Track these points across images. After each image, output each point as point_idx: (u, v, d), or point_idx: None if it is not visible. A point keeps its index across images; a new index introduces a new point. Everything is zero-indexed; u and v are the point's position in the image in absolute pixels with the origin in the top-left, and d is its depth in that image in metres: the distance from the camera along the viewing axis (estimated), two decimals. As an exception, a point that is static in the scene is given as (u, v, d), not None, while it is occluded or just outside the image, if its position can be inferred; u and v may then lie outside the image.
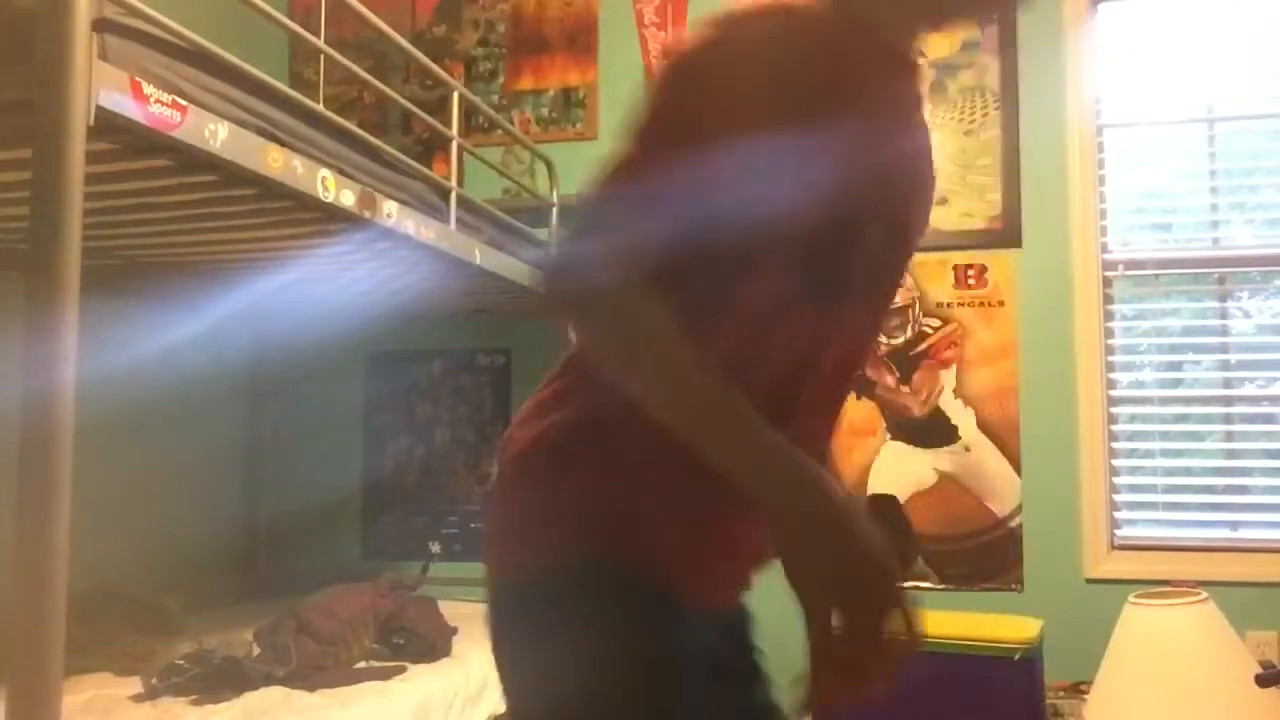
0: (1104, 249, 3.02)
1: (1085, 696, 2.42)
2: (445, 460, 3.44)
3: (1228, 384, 2.98)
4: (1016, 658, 2.41)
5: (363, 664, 2.36)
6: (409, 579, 2.78)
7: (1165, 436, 2.99)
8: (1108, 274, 3.02)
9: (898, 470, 3.05)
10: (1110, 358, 3.01)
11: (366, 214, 2.02)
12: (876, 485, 3.06)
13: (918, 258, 2.80)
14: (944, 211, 3.06)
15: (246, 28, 2.41)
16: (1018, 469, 2.96)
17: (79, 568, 1.43)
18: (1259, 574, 2.78)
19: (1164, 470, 2.99)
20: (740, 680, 1.24)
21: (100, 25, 1.42)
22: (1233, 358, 2.98)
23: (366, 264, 2.44)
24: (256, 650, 2.26)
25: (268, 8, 1.87)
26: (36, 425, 1.31)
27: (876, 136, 1.09)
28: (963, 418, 3.01)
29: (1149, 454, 3.00)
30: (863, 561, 0.91)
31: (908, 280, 1.27)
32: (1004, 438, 2.97)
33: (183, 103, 1.56)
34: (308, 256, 2.35)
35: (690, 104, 1.00)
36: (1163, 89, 3.03)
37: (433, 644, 2.45)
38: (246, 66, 1.74)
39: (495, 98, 3.46)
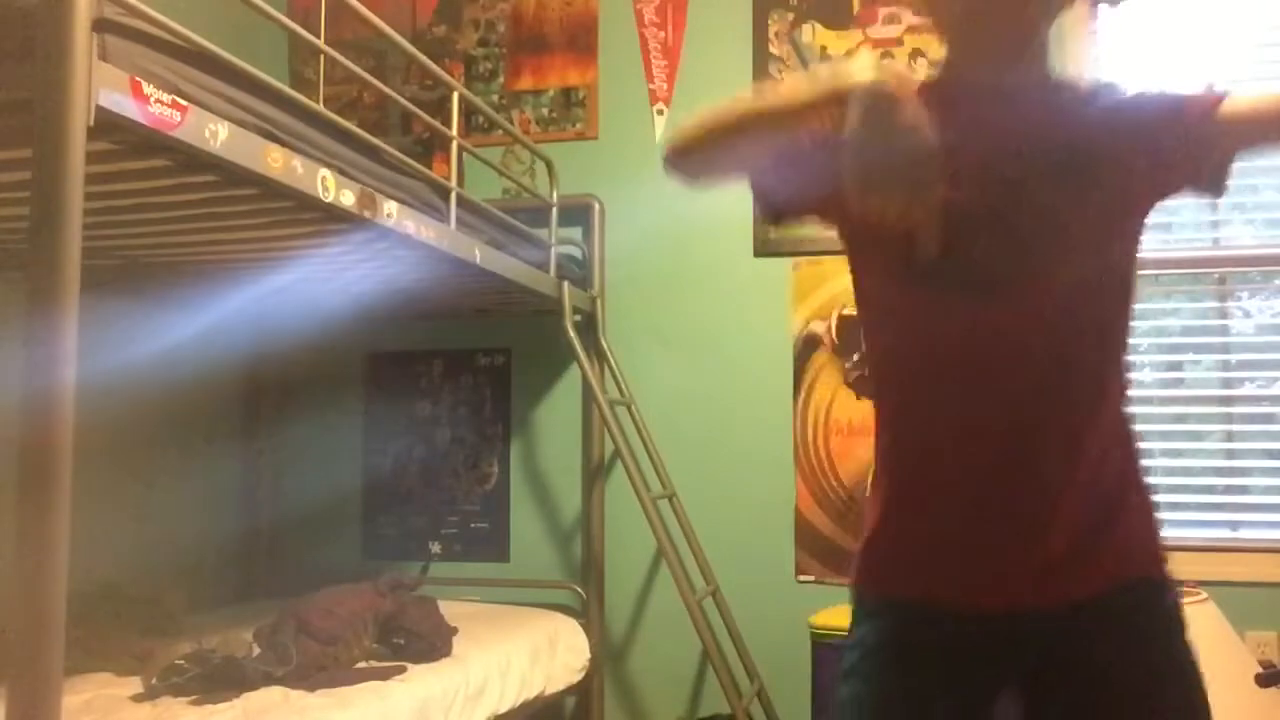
0: (1104, 249, 3.02)
1: (1085, 696, 2.41)
2: (445, 460, 3.44)
3: (1228, 384, 2.98)
4: (1016, 658, 2.40)
5: (363, 664, 2.36)
6: (409, 579, 2.78)
7: (1165, 436, 2.99)
8: (1108, 274, 3.01)
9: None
10: (1110, 358, 3.00)
11: (366, 214, 2.02)
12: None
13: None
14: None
15: (246, 28, 2.42)
16: (1018, 469, 2.96)
17: (79, 568, 1.43)
18: (1259, 574, 2.78)
19: (1164, 470, 2.99)
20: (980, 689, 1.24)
21: (100, 25, 1.42)
22: (1233, 358, 2.98)
23: (366, 264, 2.44)
24: (256, 650, 2.26)
25: (268, 8, 1.87)
26: (37, 425, 1.31)
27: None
28: (963, 418, 3.01)
29: (1149, 454, 3.00)
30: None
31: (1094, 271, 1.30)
32: (1004, 438, 2.97)
33: (183, 103, 1.56)
34: (308, 256, 2.35)
35: None
36: (1162, 89, 3.03)
37: (433, 644, 2.45)
38: (246, 66, 1.74)
39: (495, 98, 3.46)
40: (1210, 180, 1.31)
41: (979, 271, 1.22)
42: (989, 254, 1.22)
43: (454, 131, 2.53)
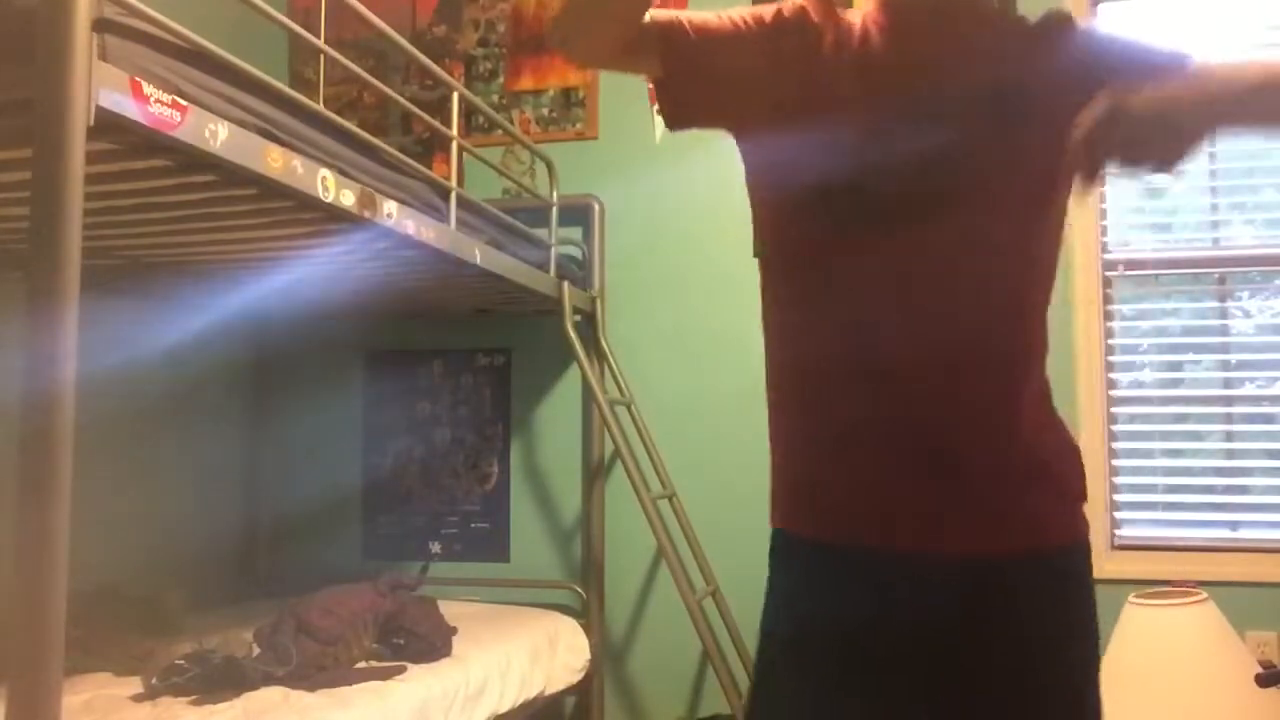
0: (1104, 249, 3.02)
1: (1085, 696, 2.42)
2: (445, 460, 3.44)
3: (1228, 384, 2.98)
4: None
5: (363, 664, 2.36)
6: (409, 579, 2.78)
7: (1165, 436, 2.99)
8: (1108, 274, 3.01)
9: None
10: (1110, 358, 3.01)
11: (366, 214, 2.02)
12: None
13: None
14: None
15: (246, 28, 2.41)
16: (1018, 469, 2.96)
17: (79, 568, 1.43)
18: (1259, 574, 2.78)
19: (1164, 470, 2.99)
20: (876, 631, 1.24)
21: (100, 25, 1.42)
22: (1233, 358, 2.98)
23: (366, 264, 2.44)
24: (256, 650, 2.26)
25: (268, 8, 1.87)
26: (37, 425, 1.31)
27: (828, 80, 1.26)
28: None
29: (1149, 454, 3.00)
30: None
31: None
32: (1004, 438, 2.97)
33: (183, 103, 1.56)
34: (308, 256, 2.35)
35: None
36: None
37: (433, 644, 2.45)
38: (246, 66, 1.74)
39: (495, 98, 3.46)
40: None
41: (884, 201, 1.21)
42: (895, 184, 1.21)
43: (454, 131, 2.53)
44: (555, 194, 3.13)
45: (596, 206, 3.30)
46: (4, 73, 1.42)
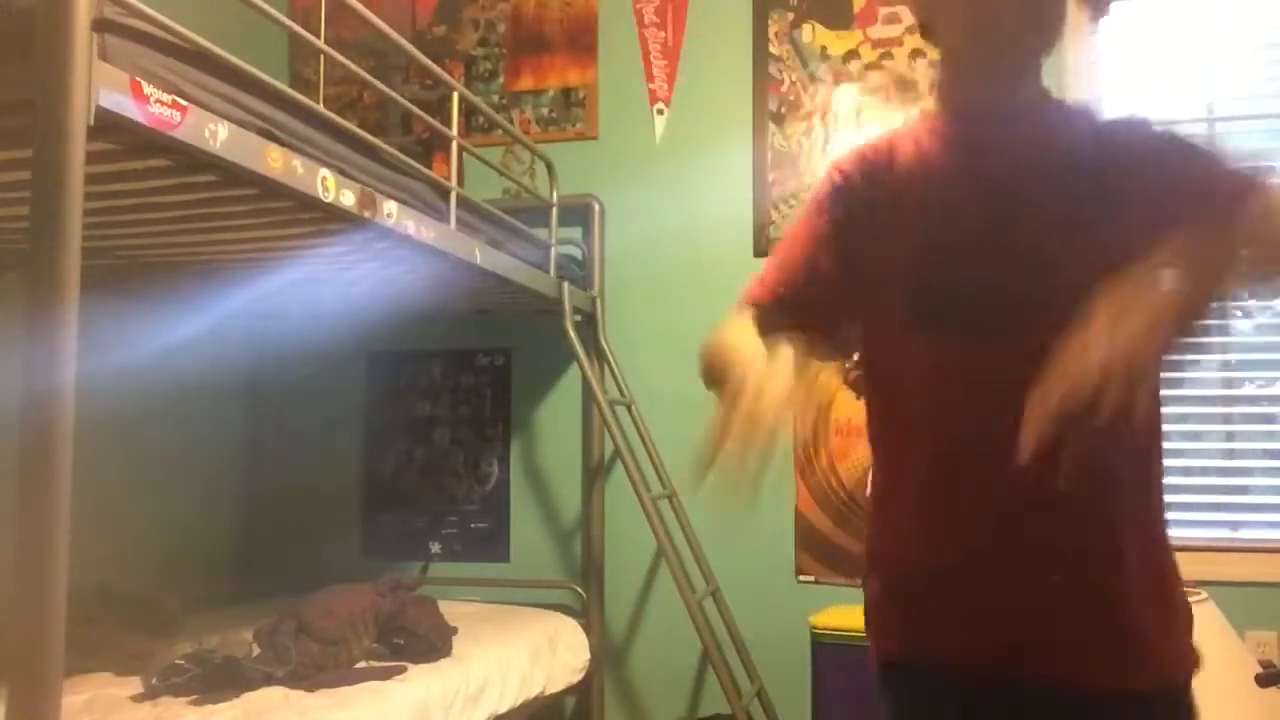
0: (1104, 249, 3.02)
1: (1085, 696, 2.42)
2: (445, 460, 3.44)
3: (1228, 384, 2.98)
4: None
5: (363, 664, 2.36)
6: (409, 579, 2.79)
7: (1165, 436, 2.98)
8: (1108, 274, 3.01)
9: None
10: (1110, 358, 3.00)
11: (366, 214, 2.02)
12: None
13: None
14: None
15: (246, 28, 2.41)
16: (1018, 469, 2.96)
17: (79, 568, 1.43)
18: (1259, 574, 2.78)
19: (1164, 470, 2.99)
20: None
21: (100, 25, 1.42)
22: (1233, 358, 2.98)
23: (366, 264, 2.44)
24: (256, 650, 2.26)
25: (268, 8, 1.87)
26: (36, 425, 1.31)
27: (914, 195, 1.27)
28: (963, 418, 3.01)
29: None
30: None
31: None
32: (1004, 438, 2.96)
33: (183, 103, 1.56)
34: (308, 256, 2.35)
35: None
36: (1163, 89, 3.03)
37: (433, 644, 2.45)
38: (246, 66, 1.74)
39: (495, 98, 3.46)
40: None
41: (968, 312, 1.20)
42: (977, 294, 1.20)
43: (454, 131, 2.53)
44: (555, 194, 3.13)
45: (596, 206, 3.30)
46: (4, 73, 1.42)
